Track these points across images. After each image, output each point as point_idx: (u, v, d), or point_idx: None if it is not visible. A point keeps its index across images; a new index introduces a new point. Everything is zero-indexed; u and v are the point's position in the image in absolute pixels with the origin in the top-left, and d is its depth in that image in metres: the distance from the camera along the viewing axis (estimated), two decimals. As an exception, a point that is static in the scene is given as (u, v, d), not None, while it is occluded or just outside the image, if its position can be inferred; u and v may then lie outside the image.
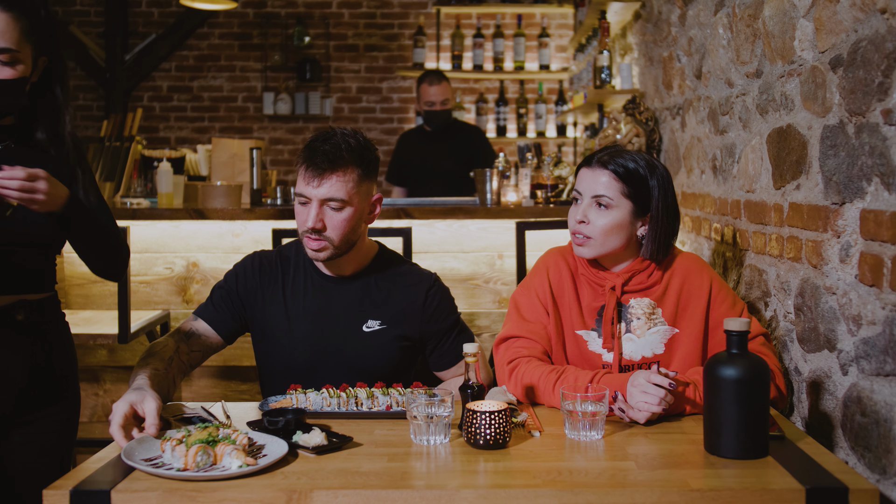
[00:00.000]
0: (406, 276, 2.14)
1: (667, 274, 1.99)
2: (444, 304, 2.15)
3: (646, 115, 3.63)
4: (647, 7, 3.79)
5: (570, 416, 1.65)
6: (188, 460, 1.47)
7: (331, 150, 1.96)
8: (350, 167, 1.97)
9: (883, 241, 1.54)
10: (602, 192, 1.92)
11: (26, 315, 1.82)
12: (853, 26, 1.66)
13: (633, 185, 1.92)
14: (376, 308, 2.09)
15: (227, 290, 2.12)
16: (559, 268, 2.01)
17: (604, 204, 1.92)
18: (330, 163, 1.94)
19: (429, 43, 6.26)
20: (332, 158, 1.95)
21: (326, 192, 1.95)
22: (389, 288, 2.11)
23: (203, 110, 6.50)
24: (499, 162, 3.89)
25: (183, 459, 1.47)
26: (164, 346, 1.98)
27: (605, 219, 1.92)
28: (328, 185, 1.95)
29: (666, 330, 1.96)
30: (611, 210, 1.91)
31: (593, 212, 1.93)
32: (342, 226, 1.97)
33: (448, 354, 2.13)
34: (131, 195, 3.98)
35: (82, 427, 3.58)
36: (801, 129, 1.94)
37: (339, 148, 1.96)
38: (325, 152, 1.95)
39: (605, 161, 1.93)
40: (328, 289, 2.10)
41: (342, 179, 1.96)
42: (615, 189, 1.91)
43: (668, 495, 1.38)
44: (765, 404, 1.56)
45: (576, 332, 1.97)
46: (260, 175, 3.77)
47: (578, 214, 1.94)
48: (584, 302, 1.99)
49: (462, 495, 1.39)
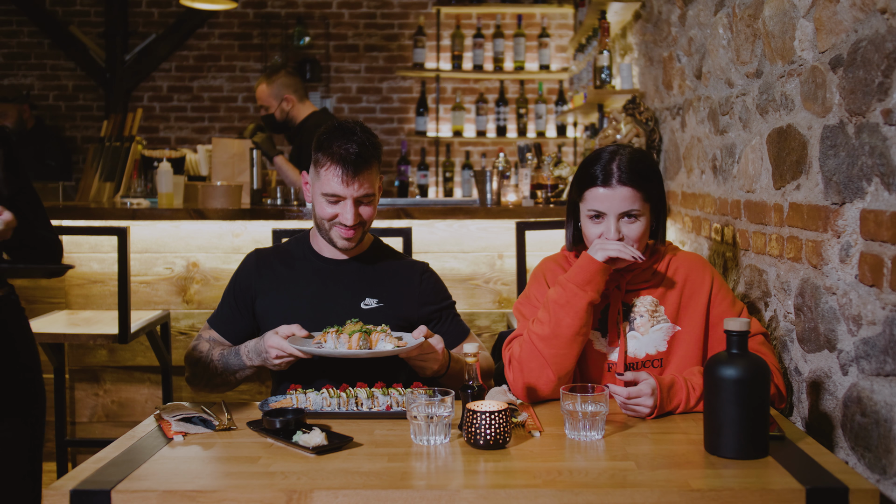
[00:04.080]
0: (400, 263, 2.25)
1: (669, 271, 2.00)
2: (438, 287, 2.25)
3: (646, 115, 3.63)
4: (647, 7, 3.79)
5: (570, 416, 1.65)
6: (352, 343, 1.85)
7: (360, 150, 2.05)
8: (373, 162, 2.10)
9: (883, 241, 1.54)
10: (630, 208, 1.92)
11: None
12: (853, 26, 1.65)
13: (648, 189, 1.94)
14: (372, 287, 2.17)
15: (232, 292, 2.21)
16: (556, 274, 2.03)
17: (633, 215, 1.93)
18: (364, 162, 2.06)
19: (429, 43, 6.26)
20: (365, 158, 2.06)
21: (362, 191, 2.07)
22: (384, 272, 2.20)
23: (203, 110, 6.49)
24: (499, 162, 3.89)
25: (347, 344, 1.85)
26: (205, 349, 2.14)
27: (638, 228, 1.94)
28: (361, 183, 2.07)
29: (668, 327, 1.97)
30: (640, 219, 1.94)
31: (624, 226, 1.93)
32: (372, 215, 2.14)
33: (446, 336, 2.15)
34: (131, 195, 3.98)
35: (82, 427, 3.59)
36: (801, 129, 1.94)
37: (364, 147, 2.06)
38: (356, 154, 2.04)
39: (625, 179, 1.91)
40: (326, 271, 2.19)
41: (372, 176, 2.09)
42: (639, 199, 1.93)
43: (668, 495, 1.38)
44: (765, 404, 1.56)
45: None
46: (260, 175, 3.77)
47: (612, 233, 1.91)
48: None
49: (462, 495, 1.39)
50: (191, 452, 1.61)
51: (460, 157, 6.34)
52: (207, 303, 3.57)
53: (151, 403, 3.59)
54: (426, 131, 6.29)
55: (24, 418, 1.92)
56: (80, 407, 3.61)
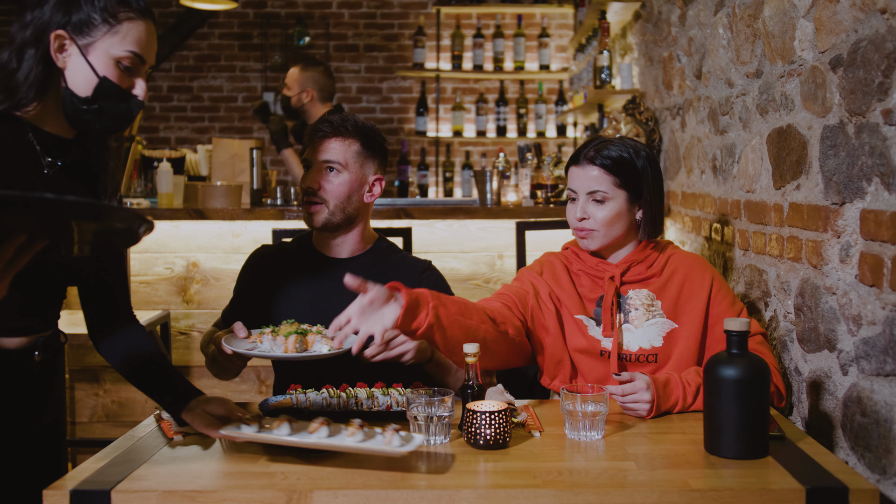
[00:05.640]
0: (402, 262, 2.25)
1: (667, 267, 2.01)
2: (439, 285, 2.23)
3: (646, 115, 3.63)
4: (647, 7, 3.79)
5: (570, 416, 1.65)
6: (287, 346, 1.79)
7: (336, 119, 2.14)
8: (351, 138, 2.14)
9: (883, 241, 1.54)
10: (596, 188, 1.95)
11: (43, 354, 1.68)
12: (853, 26, 1.65)
13: (624, 175, 1.95)
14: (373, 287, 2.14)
15: (238, 288, 2.24)
16: (553, 264, 2.06)
17: (599, 199, 1.95)
18: (333, 129, 2.13)
19: (429, 43, 6.26)
20: (336, 126, 2.13)
21: (326, 155, 2.12)
22: (386, 270, 2.19)
23: (203, 110, 6.49)
24: (499, 162, 3.89)
25: (283, 346, 1.80)
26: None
27: (604, 211, 1.96)
28: (328, 148, 2.12)
29: (664, 323, 1.97)
30: (607, 203, 1.96)
31: (591, 206, 1.97)
32: (337, 190, 2.11)
33: None
34: (131, 195, 3.98)
35: (82, 427, 3.59)
36: (801, 129, 1.94)
37: (345, 120, 2.15)
38: (330, 121, 2.14)
39: (592, 157, 1.96)
40: (326, 269, 2.19)
41: (343, 144, 2.13)
42: (608, 182, 1.95)
43: (668, 495, 1.38)
44: (765, 404, 1.56)
45: (575, 317, 2.00)
46: (260, 175, 3.77)
47: (578, 212, 1.98)
48: (582, 292, 2.02)
49: (462, 495, 1.39)
50: (191, 452, 1.61)
51: (460, 157, 6.34)
52: (207, 303, 3.57)
53: (151, 403, 3.59)
54: (426, 131, 6.29)
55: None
56: (80, 407, 3.61)
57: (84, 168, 1.66)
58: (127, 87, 1.55)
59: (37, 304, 1.64)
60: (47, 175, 1.57)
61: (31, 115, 1.54)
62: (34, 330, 1.65)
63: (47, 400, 1.72)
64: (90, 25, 1.50)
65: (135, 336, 1.77)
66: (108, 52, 1.51)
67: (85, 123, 1.55)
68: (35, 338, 1.65)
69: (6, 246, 1.00)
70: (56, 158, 1.59)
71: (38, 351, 1.65)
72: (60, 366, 1.79)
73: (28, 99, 1.50)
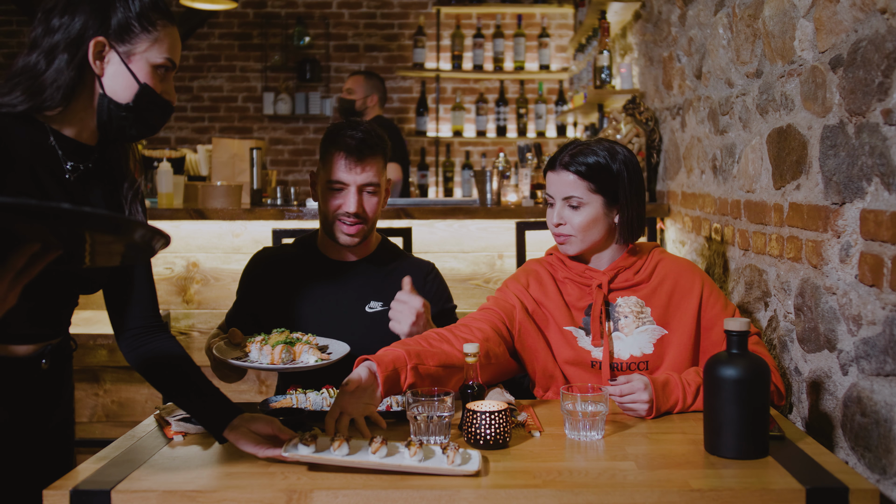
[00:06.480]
0: (406, 264, 2.24)
1: (656, 273, 1.99)
2: (441, 289, 2.24)
3: (646, 115, 3.63)
4: (647, 7, 3.79)
5: (570, 416, 1.65)
6: (274, 356, 1.75)
7: (365, 137, 2.07)
8: (379, 154, 2.11)
9: (883, 241, 1.54)
10: (570, 194, 1.95)
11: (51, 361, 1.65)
12: (853, 26, 1.65)
13: (599, 181, 1.94)
14: (378, 291, 2.16)
15: (240, 290, 2.22)
16: (539, 274, 2.04)
17: (575, 204, 1.95)
18: (369, 149, 2.07)
19: (429, 43, 6.26)
20: (370, 145, 2.07)
21: (365, 178, 2.07)
22: (390, 273, 2.18)
23: (203, 110, 6.49)
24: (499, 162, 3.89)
25: (270, 356, 1.76)
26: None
27: (580, 217, 1.95)
28: (366, 170, 2.06)
29: (655, 329, 1.96)
30: (583, 208, 1.95)
31: (567, 212, 1.97)
32: (376, 209, 2.12)
33: None
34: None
35: (82, 427, 3.59)
36: (801, 129, 1.94)
37: (371, 135, 2.09)
38: (361, 140, 2.06)
39: (567, 162, 1.96)
40: (332, 274, 2.18)
41: (377, 165, 2.10)
42: (582, 188, 1.94)
43: (668, 495, 1.38)
44: (765, 404, 1.56)
45: (564, 329, 1.98)
46: (260, 175, 3.77)
47: (555, 218, 1.98)
48: (569, 300, 2.00)
49: (462, 495, 1.39)
50: (191, 452, 1.61)
51: (460, 157, 6.34)
52: (207, 303, 3.57)
53: (151, 403, 3.59)
54: (426, 131, 6.29)
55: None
56: (80, 407, 3.61)
57: (106, 174, 1.65)
58: (160, 91, 1.55)
59: (47, 312, 1.62)
60: (69, 180, 1.56)
61: (53, 120, 1.52)
62: (44, 337, 1.64)
63: (57, 405, 1.70)
64: (130, 33, 1.50)
65: (167, 348, 1.73)
66: (148, 59, 1.52)
67: (119, 130, 1.55)
68: (44, 345, 1.63)
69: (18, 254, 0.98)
70: (78, 163, 1.57)
71: (45, 359, 1.63)
72: (69, 371, 1.77)
73: (54, 102, 1.48)
